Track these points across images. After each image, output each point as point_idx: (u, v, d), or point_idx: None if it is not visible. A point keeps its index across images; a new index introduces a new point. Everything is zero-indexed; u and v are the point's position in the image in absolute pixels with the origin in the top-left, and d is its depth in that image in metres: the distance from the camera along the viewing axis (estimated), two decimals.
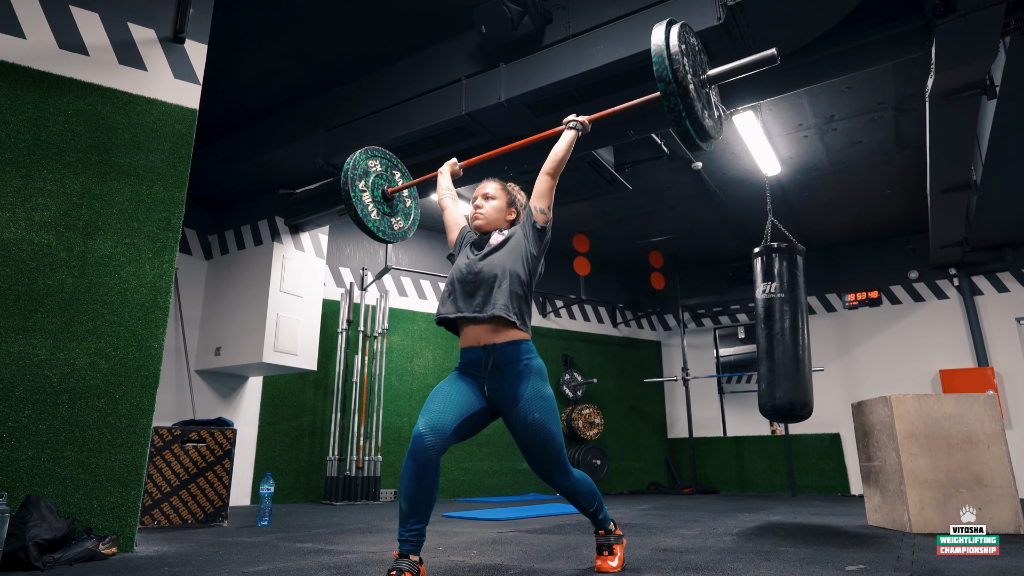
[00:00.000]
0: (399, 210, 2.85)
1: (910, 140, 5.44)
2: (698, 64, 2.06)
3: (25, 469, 2.65)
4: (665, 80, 1.90)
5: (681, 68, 1.90)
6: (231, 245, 5.79)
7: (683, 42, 1.93)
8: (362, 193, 2.66)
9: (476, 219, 2.28)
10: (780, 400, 4.17)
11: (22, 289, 2.80)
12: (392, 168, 2.84)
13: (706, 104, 2.06)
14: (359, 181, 2.66)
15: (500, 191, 2.32)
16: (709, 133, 2.02)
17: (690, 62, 1.97)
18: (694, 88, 1.94)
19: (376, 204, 2.72)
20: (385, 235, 2.75)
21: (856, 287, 7.84)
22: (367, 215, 2.67)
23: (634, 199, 6.63)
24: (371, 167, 2.72)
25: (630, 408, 8.60)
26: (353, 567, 2.35)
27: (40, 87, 3.01)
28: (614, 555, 2.17)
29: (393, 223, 2.81)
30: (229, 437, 4.19)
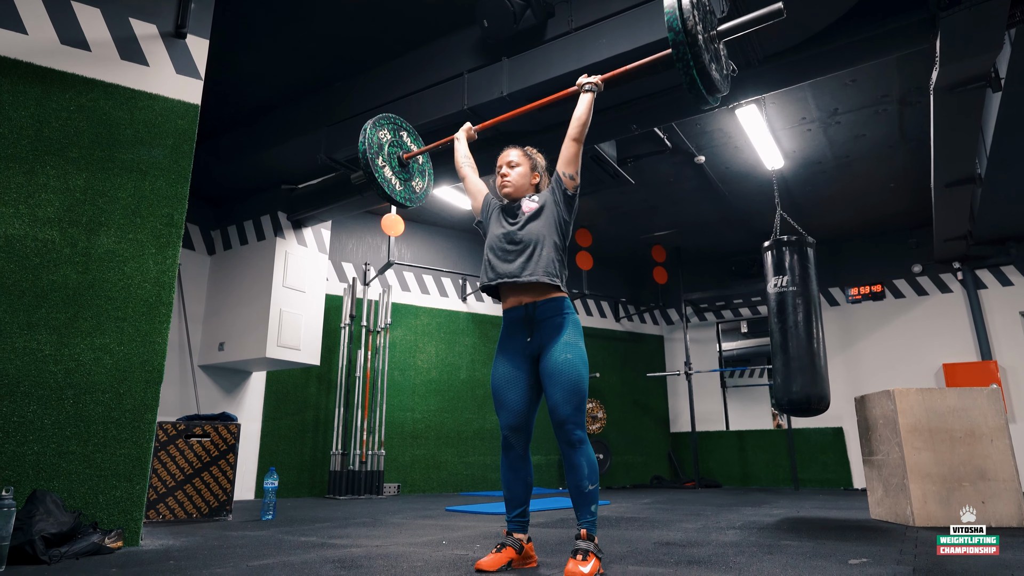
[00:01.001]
0: (415, 171, 2.90)
1: (914, 133, 5.41)
2: (708, 20, 2.12)
3: (31, 464, 2.67)
4: (675, 29, 1.96)
5: (691, 18, 1.96)
6: (234, 240, 5.80)
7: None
8: (383, 168, 2.68)
9: (504, 187, 2.37)
10: (796, 394, 4.16)
11: (26, 285, 2.81)
12: (399, 130, 2.86)
13: (714, 57, 2.10)
14: (377, 158, 2.67)
15: (522, 157, 2.38)
16: (716, 86, 2.06)
17: (700, 15, 2.02)
18: (703, 40, 1.99)
19: (396, 175, 2.76)
20: (411, 201, 2.82)
21: (859, 281, 7.83)
22: (392, 190, 2.71)
23: (637, 194, 6.62)
24: (383, 138, 2.73)
25: (633, 402, 8.60)
26: (357, 560, 2.36)
27: (42, 83, 3.01)
28: (588, 561, 2.00)
29: (414, 186, 2.87)
30: (233, 432, 4.21)
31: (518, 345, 2.26)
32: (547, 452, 7.62)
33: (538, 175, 2.44)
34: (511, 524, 2.23)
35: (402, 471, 6.57)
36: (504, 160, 2.39)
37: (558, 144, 4.29)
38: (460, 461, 6.99)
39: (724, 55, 2.25)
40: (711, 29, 2.14)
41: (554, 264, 2.24)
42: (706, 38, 2.05)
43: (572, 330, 2.22)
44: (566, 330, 2.21)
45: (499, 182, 2.39)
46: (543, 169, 2.46)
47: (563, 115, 4.06)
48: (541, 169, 2.46)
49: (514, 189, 2.38)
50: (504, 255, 2.28)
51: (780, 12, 2.02)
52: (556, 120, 4.14)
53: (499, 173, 2.39)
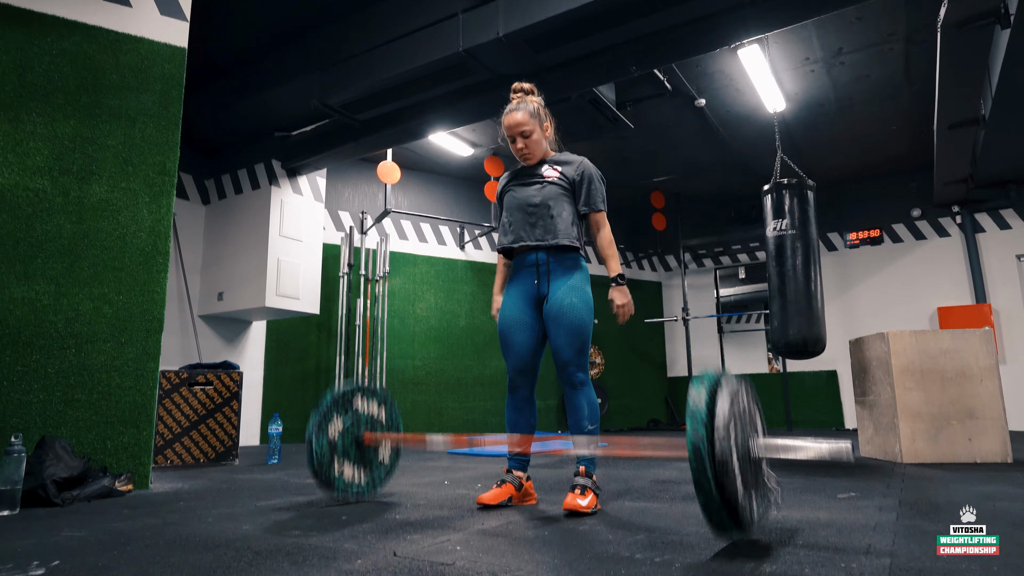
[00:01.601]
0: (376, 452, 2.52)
1: (919, 74, 5.30)
2: (748, 432, 1.55)
3: (37, 411, 2.71)
4: (698, 454, 1.44)
5: (725, 440, 1.44)
6: (228, 190, 5.73)
7: (733, 409, 1.50)
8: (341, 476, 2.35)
9: (525, 159, 2.36)
10: (793, 336, 4.20)
11: (20, 235, 2.79)
12: (347, 404, 2.43)
13: (750, 482, 1.53)
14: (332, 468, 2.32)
15: (528, 119, 2.32)
16: (742, 519, 1.47)
17: (738, 432, 1.49)
18: (737, 463, 1.45)
19: (358, 464, 2.41)
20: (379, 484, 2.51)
21: (858, 226, 7.81)
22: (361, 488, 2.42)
23: (636, 138, 6.52)
24: (334, 435, 2.34)
25: (631, 348, 8.71)
26: (362, 500, 2.43)
27: (23, 25, 2.92)
28: (586, 495, 2.08)
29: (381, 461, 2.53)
30: (236, 380, 4.27)
31: (526, 289, 2.29)
32: (546, 396, 7.75)
33: (548, 126, 2.41)
34: (511, 462, 2.30)
35: (404, 416, 6.64)
36: (515, 130, 2.31)
37: (559, 86, 4.21)
38: (461, 407, 7.12)
39: (768, 475, 1.68)
40: (751, 442, 1.55)
41: (573, 227, 2.28)
42: (742, 457, 1.48)
43: (580, 276, 2.27)
44: (574, 275, 2.25)
45: (518, 154, 2.36)
46: (546, 114, 2.41)
47: (564, 56, 3.97)
48: (546, 116, 2.41)
49: (532, 156, 2.36)
50: (525, 217, 2.29)
51: (849, 455, 1.50)
52: (554, 61, 4.03)
53: (514, 147, 2.35)
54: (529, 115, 2.32)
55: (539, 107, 2.37)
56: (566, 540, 1.67)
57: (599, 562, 1.42)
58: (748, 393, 1.64)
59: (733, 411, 1.50)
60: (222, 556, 1.53)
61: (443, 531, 1.81)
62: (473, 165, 7.08)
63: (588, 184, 2.33)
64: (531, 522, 1.94)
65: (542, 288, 2.26)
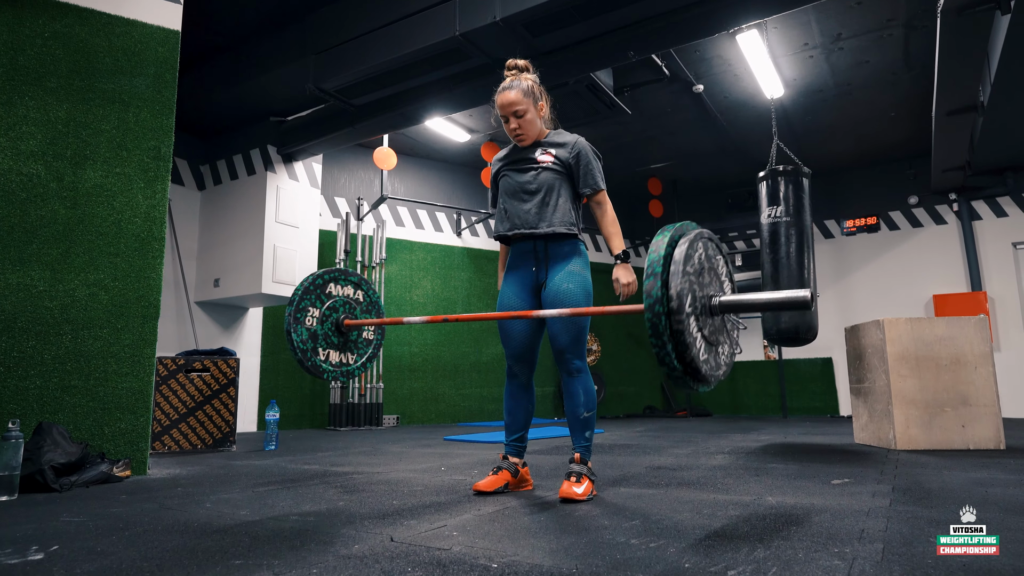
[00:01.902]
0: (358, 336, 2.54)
1: (918, 60, 5.27)
2: (709, 283, 1.59)
3: (34, 398, 2.71)
4: (652, 296, 1.46)
5: (679, 285, 1.45)
6: (224, 175, 5.70)
7: (691, 254, 1.52)
8: (326, 362, 2.40)
9: (520, 139, 2.28)
10: (785, 324, 4.22)
11: (15, 220, 2.77)
12: (322, 290, 2.44)
13: (711, 334, 1.58)
14: (317, 354, 2.38)
15: (522, 98, 2.23)
16: (703, 376, 1.54)
17: (695, 280, 1.52)
18: (695, 315, 1.49)
19: (340, 348, 2.45)
20: (363, 366, 2.54)
21: (855, 213, 7.81)
22: (349, 370, 2.46)
23: (633, 124, 6.49)
24: (311, 325, 2.38)
25: (627, 335, 8.73)
26: (360, 486, 2.44)
27: (13, 7, 2.88)
28: (582, 483, 2.08)
29: (366, 340, 2.56)
30: (232, 366, 4.27)
31: (524, 275, 2.26)
32: (543, 383, 7.78)
33: (543, 104, 2.32)
34: (508, 448, 2.30)
35: (401, 403, 6.71)
36: (508, 110, 2.23)
37: (556, 71, 4.18)
38: (457, 393, 7.14)
39: (731, 326, 1.72)
40: (711, 295, 1.59)
41: (571, 213, 2.24)
42: (700, 308, 1.53)
43: (578, 262, 2.23)
44: (572, 261, 2.22)
45: (512, 135, 2.28)
46: (541, 92, 2.32)
47: (562, 40, 3.93)
48: (540, 94, 2.32)
49: (528, 137, 2.28)
50: (521, 205, 2.24)
51: (807, 303, 1.52)
52: (551, 46, 4.00)
53: (508, 128, 2.27)
54: (523, 94, 2.23)
55: (533, 85, 2.28)
56: (562, 526, 1.68)
57: (595, 548, 1.43)
58: (710, 245, 1.64)
59: (691, 262, 1.51)
60: (220, 541, 1.54)
61: (440, 517, 1.83)
62: (470, 151, 7.05)
63: (585, 164, 2.25)
64: (527, 508, 1.95)
65: (540, 275, 2.24)
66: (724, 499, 2.04)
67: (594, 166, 2.27)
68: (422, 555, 1.38)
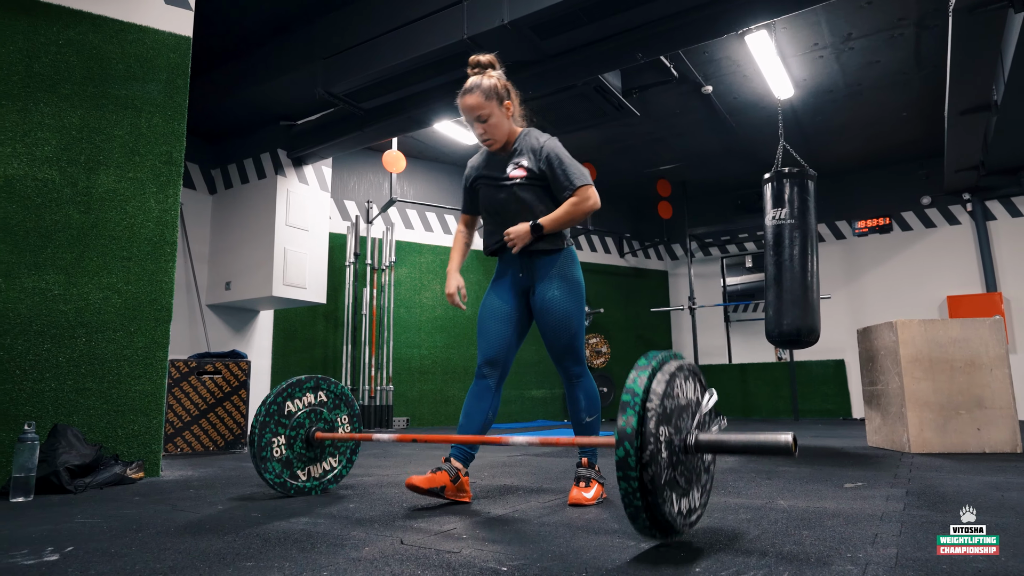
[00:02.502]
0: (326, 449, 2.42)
1: (930, 59, 5.23)
2: (684, 418, 1.43)
3: (50, 400, 2.74)
4: (625, 436, 1.31)
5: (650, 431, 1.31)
6: (234, 179, 5.74)
7: (668, 391, 1.39)
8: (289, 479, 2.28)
9: (489, 145, 2.18)
10: (787, 327, 4.19)
11: (30, 225, 2.81)
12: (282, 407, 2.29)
13: (683, 479, 1.41)
14: (286, 474, 2.27)
15: (483, 101, 2.09)
16: (673, 526, 1.38)
17: (670, 420, 1.38)
18: (666, 459, 1.34)
19: (301, 462, 2.33)
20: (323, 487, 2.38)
21: (867, 214, 7.75)
22: (304, 485, 2.32)
23: (641, 126, 6.48)
24: (275, 446, 2.26)
25: (636, 337, 8.70)
26: (369, 489, 2.45)
27: (29, 15, 2.92)
28: (590, 487, 2.05)
29: (327, 465, 2.42)
30: (244, 369, 4.30)
31: (509, 278, 2.22)
32: (551, 386, 7.77)
33: (510, 103, 2.16)
34: (453, 450, 2.14)
35: (411, 405, 6.72)
36: (472, 115, 2.10)
37: (564, 74, 4.19)
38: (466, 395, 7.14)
39: (708, 464, 1.56)
40: (685, 434, 1.43)
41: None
42: (676, 451, 1.39)
43: (564, 262, 2.15)
44: (557, 263, 2.14)
45: (481, 140, 2.18)
46: (507, 90, 2.16)
47: (570, 43, 3.94)
48: (506, 91, 2.15)
49: (496, 141, 2.15)
50: (499, 218, 2.18)
51: (789, 449, 1.38)
52: (559, 48, 4.00)
53: (475, 133, 2.16)
54: (484, 96, 2.08)
55: (497, 83, 2.13)
56: (572, 530, 1.68)
57: (604, 551, 1.43)
58: (687, 376, 1.49)
59: (667, 401, 1.37)
60: (232, 542, 1.55)
61: (449, 519, 1.83)
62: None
63: (558, 167, 2.09)
64: (538, 511, 1.95)
65: (525, 280, 2.19)
66: (734, 502, 2.03)
67: (567, 165, 2.10)
68: (432, 558, 1.38)
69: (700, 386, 1.54)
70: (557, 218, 2.06)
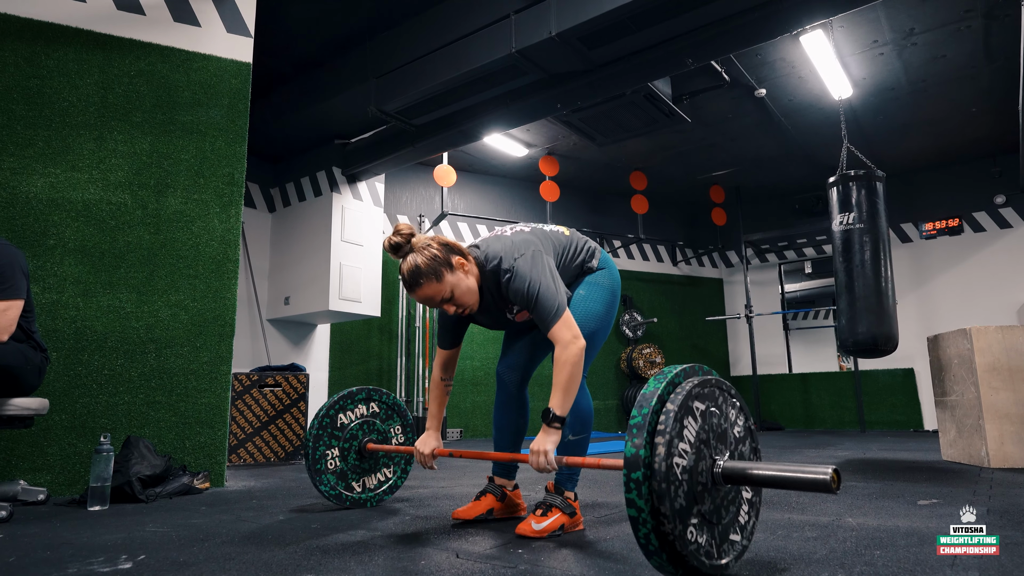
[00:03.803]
0: (379, 461, 2.44)
1: (1001, 51, 4.96)
2: (708, 446, 1.25)
3: (123, 413, 2.88)
4: (633, 480, 1.16)
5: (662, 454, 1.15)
6: (292, 197, 5.93)
7: (684, 412, 1.21)
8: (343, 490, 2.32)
9: (466, 312, 1.86)
10: (862, 335, 4.02)
11: (105, 247, 2.98)
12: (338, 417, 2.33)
13: (708, 514, 1.23)
14: (340, 485, 2.30)
15: (435, 285, 1.75)
16: (704, 571, 1.19)
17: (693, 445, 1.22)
18: (685, 493, 1.18)
19: (355, 474, 2.36)
20: (373, 500, 2.40)
21: (935, 216, 7.38)
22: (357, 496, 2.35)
23: (693, 132, 6.37)
24: (331, 460, 2.30)
25: (691, 346, 8.52)
26: (424, 500, 2.47)
27: (103, 50, 3.11)
28: (547, 517, 1.76)
29: (381, 476, 2.44)
30: (303, 381, 4.41)
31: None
32: (604, 396, 7.68)
33: (458, 259, 1.79)
34: (495, 467, 2.08)
35: (464, 416, 6.76)
36: (432, 304, 1.80)
37: (613, 83, 4.18)
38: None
39: (746, 504, 1.35)
40: (710, 462, 1.25)
41: (572, 268, 1.95)
42: (700, 485, 1.22)
43: (588, 281, 1.95)
44: (582, 284, 1.95)
45: (460, 315, 1.88)
46: (445, 247, 1.80)
47: (618, 51, 3.92)
48: (445, 250, 1.79)
49: (473, 305, 1.83)
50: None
51: (828, 486, 1.14)
52: (607, 58, 3.98)
53: (447, 311, 1.85)
54: (435, 279, 1.75)
55: (435, 253, 1.76)
56: (630, 545, 1.64)
57: None
58: (719, 397, 1.31)
59: (690, 419, 1.20)
60: (293, 553, 1.58)
61: (504, 533, 1.82)
62: (528, 165, 7.09)
63: (530, 304, 1.73)
64: (593, 525, 1.92)
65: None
66: (799, 519, 1.95)
67: (541, 303, 1.71)
68: (487, 572, 1.38)
69: (732, 405, 1.35)
70: (562, 398, 1.68)
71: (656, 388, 1.24)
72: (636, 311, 8.04)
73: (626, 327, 7.96)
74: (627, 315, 7.99)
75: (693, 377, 1.30)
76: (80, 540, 1.79)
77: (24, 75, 2.93)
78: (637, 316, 8.02)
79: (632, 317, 8.01)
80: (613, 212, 8.07)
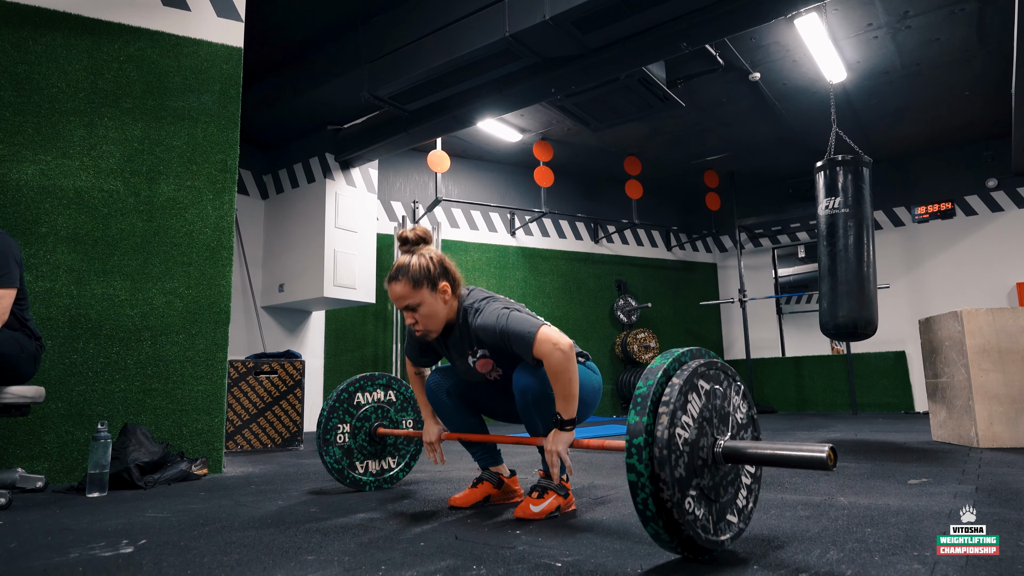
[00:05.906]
0: (387, 445, 2.47)
1: (995, 35, 4.96)
2: (711, 424, 1.27)
3: (120, 400, 2.88)
4: (634, 445, 1.18)
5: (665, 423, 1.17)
6: (285, 184, 5.90)
7: (689, 388, 1.23)
8: (359, 473, 2.37)
9: (426, 337, 1.88)
10: (843, 319, 4.06)
11: (98, 235, 2.96)
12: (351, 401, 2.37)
13: (707, 489, 1.23)
14: (355, 469, 2.36)
15: (411, 290, 1.78)
16: (699, 543, 1.20)
17: (693, 422, 1.22)
18: (685, 464, 1.18)
19: (369, 456, 2.40)
20: (387, 482, 2.45)
21: (927, 199, 7.41)
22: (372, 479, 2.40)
23: (687, 117, 6.36)
24: (342, 439, 2.34)
25: (685, 331, 8.57)
26: (425, 485, 2.49)
27: (92, 35, 3.07)
28: (544, 499, 1.79)
29: (390, 462, 2.47)
30: (298, 368, 4.42)
31: None
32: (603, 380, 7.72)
33: (445, 284, 1.83)
34: (480, 458, 2.11)
35: None
36: (399, 305, 1.82)
37: (607, 67, 4.16)
38: None
39: (747, 480, 1.37)
40: (711, 440, 1.26)
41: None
42: (699, 464, 1.22)
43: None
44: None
45: (414, 329, 1.87)
46: (442, 268, 1.84)
47: (612, 35, 3.90)
48: (441, 270, 1.83)
49: (434, 332, 1.85)
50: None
51: (824, 463, 1.13)
52: (601, 42, 3.96)
53: (407, 321, 1.86)
54: (412, 284, 1.78)
55: (429, 263, 1.81)
56: (625, 526, 1.67)
57: (659, 548, 1.42)
58: (724, 381, 1.33)
59: (691, 399, 1.22)
60: (293, 537, 1.60)
61: (502, 515, 1.84)
62: (522, 150, 7.07)
63: (513, 340, 1.71)
64: (590, 507, 1.95)
65: None
66: (792, 499, 1.98)
67: (512, 328, 1.70)
68: (487, 553, 1.39)
69: (737, 391, 1.37)
70: (566, 404, 1.67)
71: (662, 363, 1.27)
72: (630, 296, 8.07)
73: (620, 312, 7.99)
74: (621, 300, 8.01)
75: (699, 358, 1.33)
76: (80, 526, 1.81)
77: (12, 61, 2.89)
78: (631, 301, 8.05)
79: (627, 302, 8.03)
80: (607, 197, 8.06)
